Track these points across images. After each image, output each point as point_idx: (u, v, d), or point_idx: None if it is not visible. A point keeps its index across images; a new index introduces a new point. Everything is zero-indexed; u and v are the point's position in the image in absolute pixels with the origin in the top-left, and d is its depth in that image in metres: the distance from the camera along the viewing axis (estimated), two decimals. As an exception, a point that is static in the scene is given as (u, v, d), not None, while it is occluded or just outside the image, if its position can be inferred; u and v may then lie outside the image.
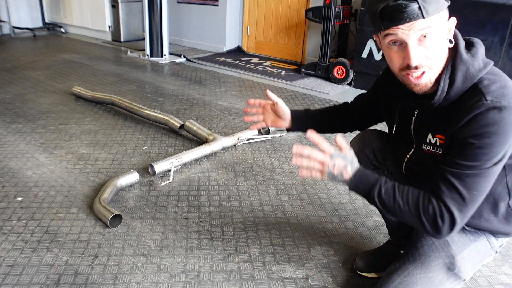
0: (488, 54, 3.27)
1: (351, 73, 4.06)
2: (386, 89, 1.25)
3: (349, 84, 4.15)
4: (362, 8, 3.81)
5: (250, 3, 5.43)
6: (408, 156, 1.21)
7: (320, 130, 1.39)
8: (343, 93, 3.92)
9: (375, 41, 1.26)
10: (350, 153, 1.08)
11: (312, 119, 1.42)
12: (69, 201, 1.91)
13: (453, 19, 1.01)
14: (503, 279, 1.52)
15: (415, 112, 1.15)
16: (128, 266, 1.50)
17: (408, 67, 0.98)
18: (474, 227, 1.17)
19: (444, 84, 1.00)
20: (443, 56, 1.00)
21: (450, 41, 1.01)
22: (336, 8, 4.07)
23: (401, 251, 1.46)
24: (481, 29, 3.17)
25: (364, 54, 3.88)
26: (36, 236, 1.65)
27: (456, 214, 0.97)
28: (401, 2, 0.91)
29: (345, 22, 4.29)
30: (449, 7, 0.99)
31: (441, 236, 1.00)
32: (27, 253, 1.55)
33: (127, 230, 1.71)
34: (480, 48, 1.02)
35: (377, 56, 3.80)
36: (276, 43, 5.34)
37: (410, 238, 1.40)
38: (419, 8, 0.90)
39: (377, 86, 1.33)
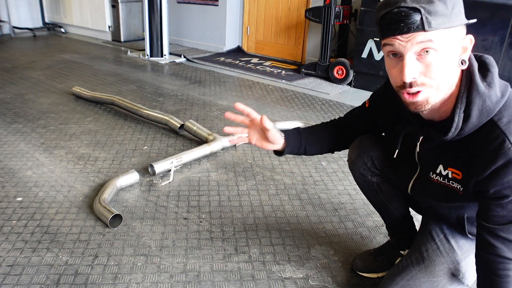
0: (488, 54, 3.28)
1: (351, 73, 4.06)
2: (387, 105, 1.18)
3: (349, 84, 4.15)
4: (362, 8, 3.81)
5: (250, 3, 5.43)
6: (413, 180, 1.17)
7: (314, 151, 1.32)
8: (343, 93, 3.92)
9: (376, 41, 1.18)
10: None
11: (306, 141, 1.29)
12: (69, 201, 1.91)
13: (470, 38, 0.90)
14: (503, 279, 1.52)
15: (420, 138, 1.07)
16: (128, 266, 1.50)
17: (403, 84, 0.89)
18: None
19: (459, 119, 0.91)
20: (450, 77, 0.90)
21: (463, 62, 0.90)
22: (336, 8, 4.07)
23: (401, 252, 1.46)
24: (481, 29, 3.17)
25: (364, 54, 3.88)
26: (36, 236, 1.66)
27: None
28: (403, 10, 0.83)
29: (345, 22, 4.30)
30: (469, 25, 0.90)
31: None
32: (27, 253, 1.55)
33: (127, 230, 1.71)
34: (495, 72, 0.94)
35: (377, 56, 3.80)
36: (276, 43, 5.34)
37: (412, 239, 1.40)
38: (421, 19, 0.82)
39: (375, 101, 1.25)
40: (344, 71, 4.09)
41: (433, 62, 0.86)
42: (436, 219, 1.29)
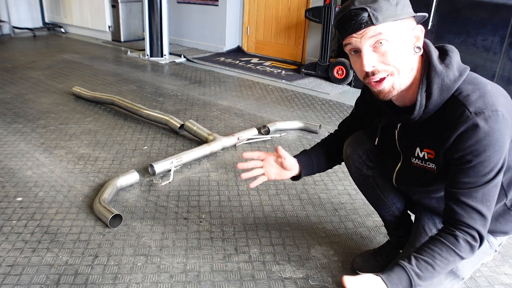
0: (488, 54, 3.29)
1: (351, 73, 4.06)
2: (367, 106, 1.28)
3: (349, 84, 4.15)
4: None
5: (250, 3, 5.43)
6: (396, 169, 1.23)
7: (324, 167, 1.42)
8: (343, 93, 3.92)
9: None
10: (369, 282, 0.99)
11: (316, 160, 1.39)
12: (69, 201, 1.91)
13: (419, 28, 1.01)
14: (503, 279, 1.52)
15: (398, 126, 1.16)
16: (128, 266, 1.50)
17: (367, 74, 1.00)
18: None
19: (422, 98, 1.01)
20: (407, 62, 1.00)
21: (419, 49, 1.01)
22: (336, 8, 4.07)
23: (401, 251, 1.46)
24: (481, 29, 3.17)
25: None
26: (36, 236, 1.66)
27: (481, 229, 0.99)
28: (352, 11, 0.95)
29: (345, 22, 4.29)
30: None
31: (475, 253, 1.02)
32: (27, 253, 1.55)
33: (127, 230, 1.71)
34: (454, 56, 1.02)
35: (377, 56, 3.79)
36: (276, 43, 5.34)
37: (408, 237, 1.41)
38: (369, 16, 0.94)
39: (358, 105, 1.35)
40: (344, 71, 4.09)
41: (388, 51, 0.97)
42: (428, 215, 1.29)
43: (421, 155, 1.12)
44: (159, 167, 2.15)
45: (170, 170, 2.19)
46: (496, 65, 3.18)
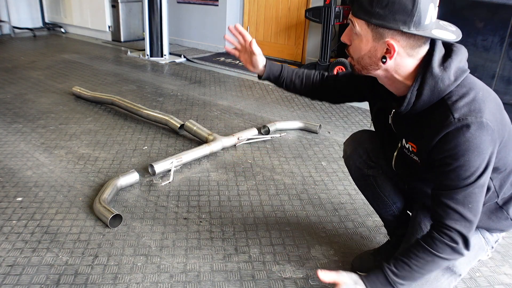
0: (488, 54, 3.29)
1: (351, 73, 4.05)
2: (370, 84, 1.27)
3: (349, 84, 4.14)
4: None
5: (250, 3, 5.43)
6: (395, 154, 1.24)
7: (294, 85, 1.41)
8: (343, 93, 3.91)
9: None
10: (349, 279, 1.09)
11: (289, 74, 1.40)
12: (69, 201, 1.91)
13: (392, 45, 0.97)
14: (503, 279, 1.52)
15: (392, 112, 1.18)
16: (128, 266, 1.50)
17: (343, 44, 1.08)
18: None
19: (411, 96, 1.01)
20: (367, 63, 1.03)
21: (386, 62, 1.00)
22: (336, 8, 4.07)
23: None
24: (481, 29, 3.17)
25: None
26: (36, 236, 1.66)
27: (463, 230, 1.00)
28: None
29: (345, 22, 4.29)
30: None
31: (463, 255, 1.04)
32: (27, 253, 1.55)
33: (127, 230, 1.71)
34: (456, 58, 1.00)
35: (377, 56, 3.79)
36: (276, 43, 5.34)
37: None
38: (353, 5, 1.00)
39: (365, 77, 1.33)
40: (344, 71, 4.09)
41: (352, 44, 1.04)
42: (425, 211, 1.30)
43: (406, 146, 1.14)
44: (159, 167, 2.15)
45: (170, 170, 2.19)
46: (496, 65, 3.18)
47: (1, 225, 1.72)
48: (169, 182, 2.11)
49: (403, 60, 1.01)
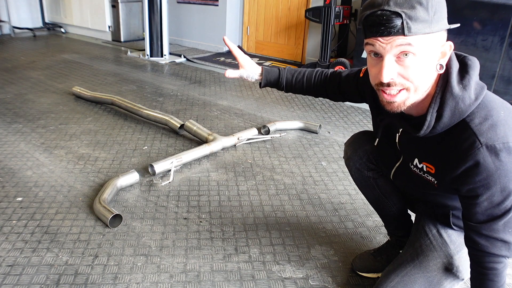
0: (488, 54, 3.29)
1: (351, 73, 4.05)
2: (374, 94, 1.22)
3: (349, 84, 4.14)
4: (362, 8, 3.81)
5: (250, 3, 5.43)
6: (395, 167, 1.22)
7: (293, 92, 1.43)
8: (343, 93, 3.91)
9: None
10: None
11: (289, 75, 1.40)
12: (69, 201, 1.91)
13: (449, 44, 0.93)
14: (503, 279, 1.52)
15: (400, 130, 1.12)
16: (128, 266, 1.50)
17: (381, 83, 0.93)
18: None
19: (431, 118, 0.95)
20: (427, 80, 0.93)
21: (441, 67, 0.93)
22: (336, 8, 4.07)
23: (401, 251, 1.46)
24: (481, 29, 3.17)
25: (364, 54, 3.87)
26: (36, 236, 1.66)
27: (507, 253, 0.99)
28: (385, 14, 0.85)
29: (345, 22, 4.29)
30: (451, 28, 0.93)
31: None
32: (27, 253, 1.55)
33: (127, 230, 1.71)
34: (474, 74, 0.95)
35: (377, 56, 3.79)
36: (276, 43, 5.34)
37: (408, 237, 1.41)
38: (402, 24, 0.85)
39: (367, 77, 1.27)
40: (347, 70, 4.08)
41: (411, 65, 0.89)
42: (428, 214, 1.29)
43: (419, 166, 1.10)
44: (159, 167, 2.15)
45: (170, 170, 2.19)
46: (496, 65, 3.18)
47: (1, 225, 1.71)
48: (169, 182, 2.11)
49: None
